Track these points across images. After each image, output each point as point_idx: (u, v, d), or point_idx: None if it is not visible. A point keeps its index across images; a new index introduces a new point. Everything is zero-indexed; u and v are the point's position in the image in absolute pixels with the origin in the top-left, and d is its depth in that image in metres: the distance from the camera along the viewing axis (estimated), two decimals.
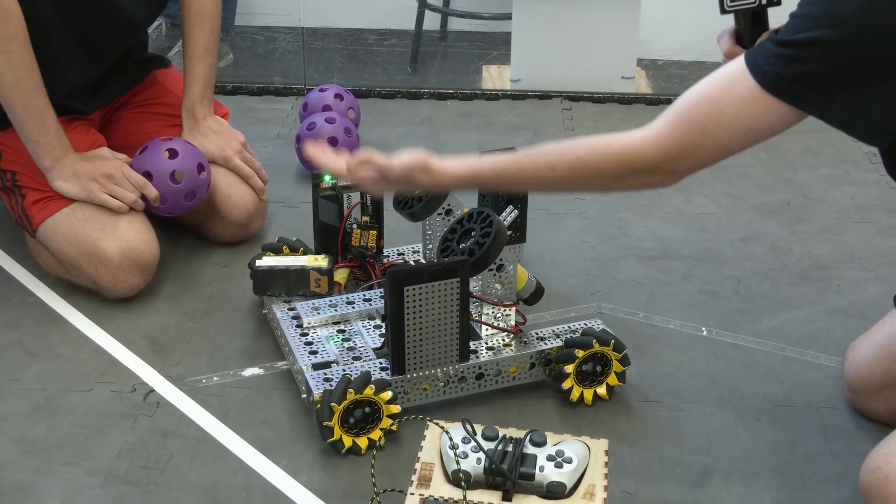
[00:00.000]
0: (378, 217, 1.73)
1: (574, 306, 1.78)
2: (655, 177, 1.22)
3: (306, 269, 1.64)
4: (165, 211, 1.81)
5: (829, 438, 1.48)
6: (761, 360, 1.65)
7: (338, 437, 1.41)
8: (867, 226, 2.07)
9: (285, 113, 2.58)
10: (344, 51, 3.09)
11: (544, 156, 1.26)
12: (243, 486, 1.38)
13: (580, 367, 1.51)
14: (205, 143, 1.90)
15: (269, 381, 1.59)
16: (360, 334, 1.59)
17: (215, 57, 1.94)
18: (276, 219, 2.06)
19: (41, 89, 1.69)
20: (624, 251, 1.96)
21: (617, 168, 1.22)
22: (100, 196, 1.74)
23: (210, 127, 1.94)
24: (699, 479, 1.40)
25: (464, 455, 1.28)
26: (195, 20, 1.90)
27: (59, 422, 1.50)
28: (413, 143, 2.38)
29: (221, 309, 1.77)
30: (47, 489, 1.37)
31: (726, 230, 2.04)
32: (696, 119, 1.19)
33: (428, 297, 1.41)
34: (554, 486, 1.25)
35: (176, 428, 1.49)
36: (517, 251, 1.55)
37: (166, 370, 1.61)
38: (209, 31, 1.91)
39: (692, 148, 1.19)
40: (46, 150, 1.73)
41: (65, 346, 1.67)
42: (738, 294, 1.83)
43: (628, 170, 1.22)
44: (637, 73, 2.76)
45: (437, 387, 1.49)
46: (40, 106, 1.70)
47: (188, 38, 1.91)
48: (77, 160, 1.76)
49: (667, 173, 1.22)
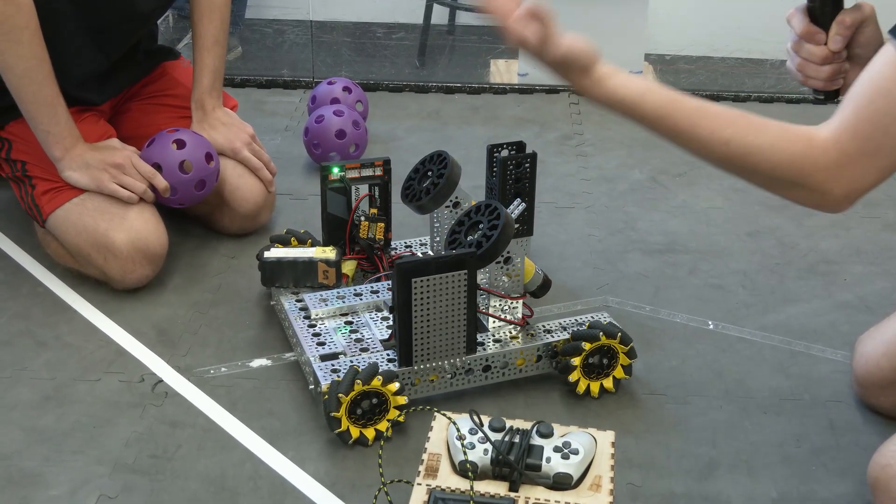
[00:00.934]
0: (386, 209, 1.74)
1: (581, 299, 1.79)
2: (818, 195, 1.15)
3: (314, 260, 1.64)
4: (176, 202, 1.82)
5: (835, 432, 1.48)
6: (768, 354, 1.65)
7: (345, 427, 1.41)
8: (874, 220, 2.06)
9: (294, 105, 2.58)
10: (352, 44, 3.09)
11: (724, 127, 1.16)
12: (251, 476, 1.39)
13: (587, 360, 1.52)
14: (213, 134, 1.91)
15: (276, 372, 1.60)
16: (367, 326, 1.59)
17: (225, 48, 1.95)
18: (285, 211, 2.06)
19: (52, 79, 1.69)
20: (631, 245, 1.96)
21: (790, 172, 1.14)
22: (110, 186, 1.74)
23: (219, 118, 1.94)
24: (705, 471, 1.40)
25: (471, 446, 1.28)
26: (204, 12, 1.90)
27: (68, 411, 1.50)
28: (420, 137, 2.40)
29: (229, 300, 1.77)
30: (55, 477, 1.38)
31: (733, 224, 2.04)
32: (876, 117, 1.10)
33: (435, 289, 1.41)
34: (560, 478, 1.25)
35: (184, 418, 1.50)
36: (524, 244, 1.56)
37: (174, 360, 1.62)
38: (218, 23, 1.91)
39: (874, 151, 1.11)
40: (56, 140, 1.74)
41: (73, 336, 1.67)
42: (745, 288, 1.83)
43: (803, 179, 1.14)
44: (645, 68, 2.76)
45: (444, 378, 1.50)
46: (50, 96, 1.70)
47: (197, 30, 1.91)
48: (87, 150, 1.76)
49: (840, 193, 1.14)
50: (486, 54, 3.00)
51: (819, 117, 1.18)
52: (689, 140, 1.19)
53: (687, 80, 2.79)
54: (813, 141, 1.14)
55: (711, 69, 2.87)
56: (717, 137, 1.16)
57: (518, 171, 1.64)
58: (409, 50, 3.03)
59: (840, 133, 1.12)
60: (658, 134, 1.22)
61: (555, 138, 2.42)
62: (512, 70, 2.85)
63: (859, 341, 1.54)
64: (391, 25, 3.16)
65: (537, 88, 2.68)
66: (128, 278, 1.75)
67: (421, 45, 3.01)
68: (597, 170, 2.26)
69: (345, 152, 2.15)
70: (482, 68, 2.93)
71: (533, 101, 2.63)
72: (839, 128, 1.13)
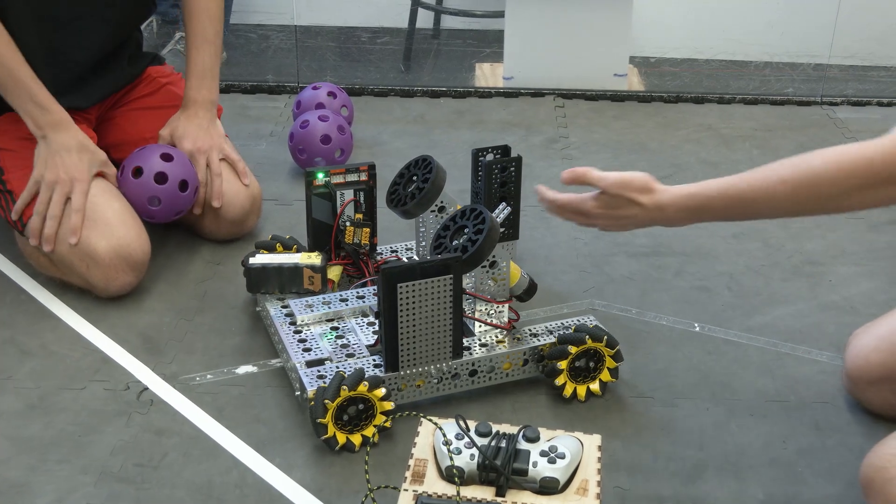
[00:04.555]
0: (371, 214, 1.73)
1: (567, 303, 1.79)
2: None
3: (300, 266, 1.64)
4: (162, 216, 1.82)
5: (821, 433, 1.48)
6: (754, 356, 1.65)
7: (331, 433, 1.41)
8: (859, 221, 2.07)
9: (278, 111, 2.58)
10: (337, 49, 3.09)
11: (775, 170, 1.21)
12: (237, 484, 1.38)
13: (573, 364, 1.52)
14: (184, 141, 1.90)
15: (262, 379, 1.59)
16: (353, 331, 1.59)
17: (216, 47, 1.93)
18: (270, 216, 2.06)
19: (10, 52, 1.71)
20: (617, 248, 1.97)
21: (853, 177, 1.15)
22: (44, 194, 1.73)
23: (198, 120, 1.92)
24: (692, 474, 1.40)
25: (457, 451, 1.28)
26: (192, 11, 1.91)
27: (53, 420, 1.50)
28: (406, 141, 2.39)
29: (215, 307, 1.77)
30: (41, 487, 1.37)
31: (718, 226, 2.04)
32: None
33: (421, 293, 1.41)
34: (547, 482, 1.25)
35: (170, 426, 1.49)
36: (510, 248, 1.55)
37: (160, 368, 1.61)
38: (206, 21, 1.91)
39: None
40: (29, 119, 1.75)
41: (58, 344, 1.67)
42: (731, 290, 1.83)
43: (866, 179, 1.15)
44: (630, 71, 2.77)
45: (430, 383, 1.49)
46: (10, 67, 1.72)
47: (187, 30, 1.92)
48: (62, 146, 1.75)
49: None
50: (472, 58, 3.00)
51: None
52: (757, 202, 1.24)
53: (671, 82, 2.80)
54: (866, 145, 1.15)
55: (696, 71, 2.88)
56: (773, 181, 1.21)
57: (503, 175, 1.64)
58: (394, 54, 3.03)
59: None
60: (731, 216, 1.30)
61: (540, 141, 2.42)
62: (497, 74, 2.85)
63: (853, 336, 1.54)
64: (376, 30, 3.16)
65: (522, 92, 2.68)
66: (111, 286, 1.74)
67: (406, 49, 3.02)
68: None
69: (330, 157, 2.15)
70: (467, 72, 2.93)
71: (518, 105, 2.63)
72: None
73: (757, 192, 1.23)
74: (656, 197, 1.29)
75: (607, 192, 1.34)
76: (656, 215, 1.31)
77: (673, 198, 1.28)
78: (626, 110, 2.61)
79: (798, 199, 1.21)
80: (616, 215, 1.35)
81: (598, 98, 2.66)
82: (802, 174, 1.18)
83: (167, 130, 1.91)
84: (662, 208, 1.30)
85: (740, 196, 1.24)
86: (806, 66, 2.85)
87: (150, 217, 1.82)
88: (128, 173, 1.80)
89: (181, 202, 1.83)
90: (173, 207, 1.82)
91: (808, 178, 1.18)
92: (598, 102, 2.65)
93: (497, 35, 2.85)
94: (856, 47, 2.85)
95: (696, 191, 1.27)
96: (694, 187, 1.27)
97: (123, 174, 1.81)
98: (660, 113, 2.60)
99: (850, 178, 1.17)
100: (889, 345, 1.45)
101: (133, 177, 1.79)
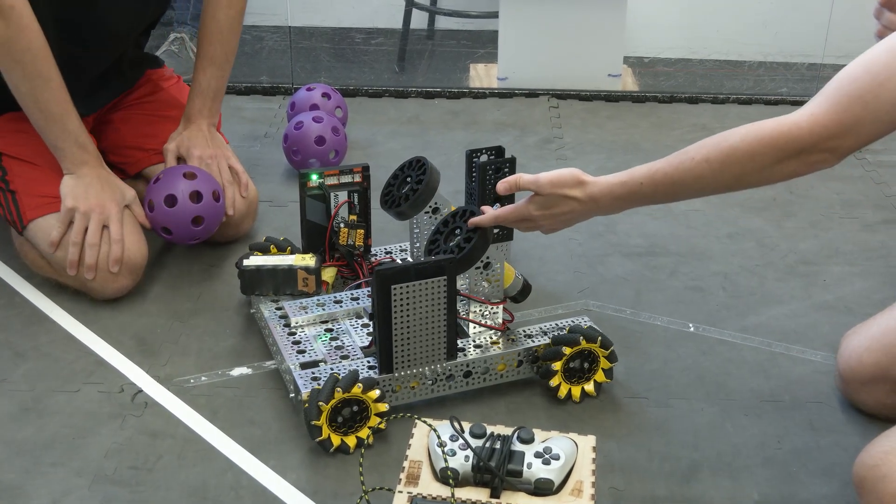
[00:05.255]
0: (365, 216, 1.74)
1: (561, 303, 1.79)
2: (814, 156, 1.20)
3: (294, 268, 1.64)
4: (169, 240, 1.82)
5: (816, 433, 1.48)
6: (748, 356, 1.66)
7: (326, 435, 1.41)
8: (853, 221, 2.07)
9: (273, 112, 2.58)
10: (331, 50, 3.09)
11: (698, 150, 1.25)
12: (232, 486, 1.38)
13: (568, 365, 1.52)
14: (191, 149, 1.89)
15: (257, 381, 1.59)
16: (347, 333, 1.59)
17: (223, 71, 1.93)
18: (264, 218, 2.05)
19: (59, 97, 1.69)
20: (611, 248, 1.97)
21: (772, 150, 1.20)
22: (78, 224, 1.72)
23: (201, 133, 1.92)
24: (687, 474, 1.41)
25: (452, 453, 1.28)
26: (205, 33, 1.91)
27: (47, 422, 1.49)
28: (400, 142, 2.39)
29: (209, 309, 1.77)
30: (35, 490, 1.37)
31: (713, 227, 2.04)
32: (855, 94, 1.17)
33: (415, 295, 1.41)
34: (542, 483, 1.25)
35: (164, 428, 1.49)
36: (504, 249, 1.55)
37: (154, 370, 1.61)
38: (217, 45, 1.91)
39: (853, 124, 1.17)
40: (64, 156, 1.74)
41: (52, 347, 1.66)
42: (725, 290, 1.83)
43: (784, 151, 1.20)
44: (624, 71, 2.77)
45: (424, 385, 1.49)
46: (58, 113, 1.70)
47: (198, 49, 1.93)
48: (95, 179, 1.75)
49: (826, 152, 1.20)
50: (466, 59, 3.00)
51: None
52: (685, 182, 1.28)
53: (665, 82, 2.80)
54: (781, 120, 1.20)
55: (690, 71, 2.88)
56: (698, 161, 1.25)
57: (497, 176, 1.64)
58: (388, 55, 3.03)
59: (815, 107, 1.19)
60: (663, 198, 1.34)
61: (534, 142, 2.42)
62: (491, 74, 2.85)
63: (845, 336, 1.54)
64: (370, 31, 3.16)
65: (517, 92, 2.68)
66: (107, 289, 1.74)
67: (400, 50, 3.02)
68: None
69: (324, 158, 2.14)
70: (462, 73, 2.93)
71: (513, 105, 2.63)
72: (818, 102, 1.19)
73: (683, 174, 1.26)
74: (588, 189, 1.33)
75: (541, 192, 1.38)
76: (592, 207, 1.35)
77: (604, 188, 1.32)
78: (620, 110, 2.61)
79: (722, 176, 1.25)
80: (555, 213, 1.39)
81: (593, 98, 2.66)
82: (724, 152, 1.22)
83: (173, 144, 1.91)
84: (596, 199, 1.34)
85: (667, 178, 1.28)
86: (800, 66, 2.86)
87: (195, 238, 1.81)
88: (161, 205, 1.77)
89: (219, 212, 1.82)
90: (215, 220, 1.82)
91: (730, 155, 1.22)
92: (593, 103, 2.65)
93: (491, 36, 2.86)
94: (849, 47, 2.84)
95: (625, 178, 1.31)
96: (623, 175, 1.31)
97: (155, 210, 1.78)
98: (654, 113, 2.60)
99: (769, 152, 1.21)
100: (881, 345, 1.45)
101: (168, 206, 1.77)
